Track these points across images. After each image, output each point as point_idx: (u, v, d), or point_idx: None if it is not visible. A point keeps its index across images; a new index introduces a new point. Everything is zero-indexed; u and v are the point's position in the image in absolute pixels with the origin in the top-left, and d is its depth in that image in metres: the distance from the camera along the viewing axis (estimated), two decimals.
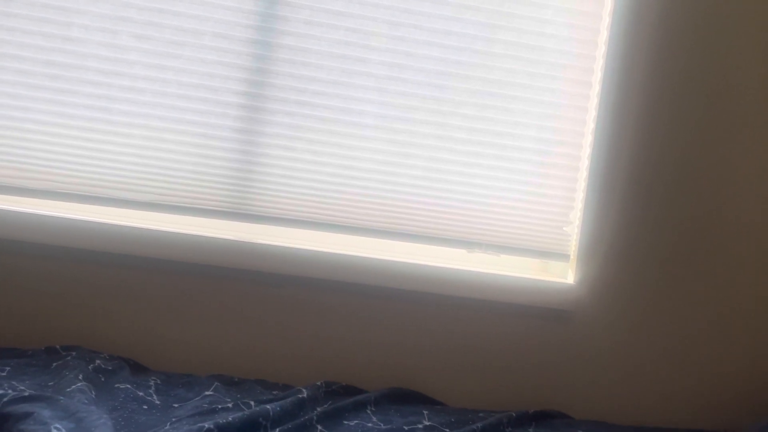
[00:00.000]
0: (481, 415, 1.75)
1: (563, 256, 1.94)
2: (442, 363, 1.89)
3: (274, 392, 1.70)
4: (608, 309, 1.91)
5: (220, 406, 1.51)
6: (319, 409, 1.60)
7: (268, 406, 1.50)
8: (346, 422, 1.59)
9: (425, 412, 1.72)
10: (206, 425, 1.34)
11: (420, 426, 1.63)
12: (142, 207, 1.84)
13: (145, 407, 1.52)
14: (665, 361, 1.93)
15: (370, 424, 1.60)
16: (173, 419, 1.46)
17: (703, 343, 1.93)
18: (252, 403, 1.57)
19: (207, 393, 1.62)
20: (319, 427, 1.54)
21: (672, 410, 1.92)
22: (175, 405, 1.56)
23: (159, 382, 1.66)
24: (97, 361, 1.66)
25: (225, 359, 1.84)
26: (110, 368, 1.66)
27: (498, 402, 1.86)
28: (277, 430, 1.45)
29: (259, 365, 1.84)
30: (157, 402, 1.56)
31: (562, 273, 1.94)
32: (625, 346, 1.91)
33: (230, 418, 1.40)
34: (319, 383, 1.73)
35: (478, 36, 1.87)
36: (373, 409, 1.69)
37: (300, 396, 1.62)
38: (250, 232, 1.88)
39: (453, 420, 1.69)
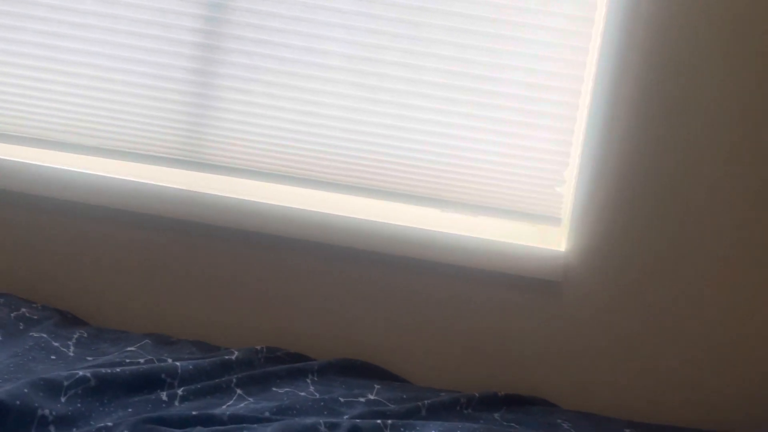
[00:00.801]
0: (442, 394, 1.51)
1: (554, 220, 1.68)
2: (411, 335, 1.67)
3: (214, 353, 1.53)
4: (603, 282, 1.63)
5: (129, 360, 1.35)
6: (246, 372, 1.40)
7: (177, 363, 1.32)
8: (275, 389, 1.40)
9: (376, 386, 1.50)
10: (80, 372, 1.17)
11: (361, 400, 1.41)
12: (87, 151, 1.72)
13: (53, 357, 1.38)
14: (664, 344, 1.62)
15: (303, 393, 1.40)
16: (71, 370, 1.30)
17: (703, 323, 1.61)
18: (169, 359, 1.39)
19: (129, 349, 1.46)
20: (238, 391, 1.35)
21: (667, 398, 1.61)
22: (89, 358, 1.41)
23: (85, 335, 1.52)
24: (23, 309, 1.54)
25: (167, 318, 1.68)
26: (35, 317, 1.53)
27: (473, 383, 1.62)
28: (182, 389, 1.27)
29: (204, 326, 1.67)
30: (71, 354, 1.41)
31: (551, 239, 1.68)
32: (621, 325, 1.62)
33: (118, 369, 1.22)
34: (259, 347, 1.54)
35: None
36: (314, 378, 1.49)
37: (227, 357, 1.44)
38: (202, 182, 1.72)
39: (404, 397, 1.46)
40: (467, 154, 1.68)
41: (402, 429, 1.23)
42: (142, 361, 1.36)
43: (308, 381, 1.47)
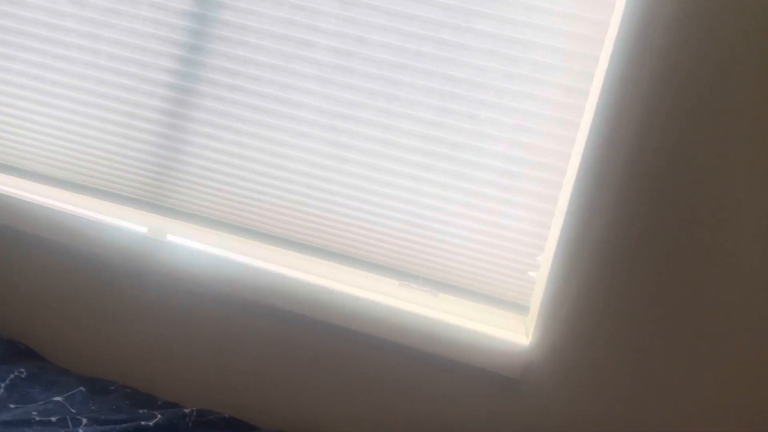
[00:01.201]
0: None
1: (522, 308, 1.52)
2: (357, 411, 1.56)
3: (141, 411, 1.48)
4: (567, 385, 1.46)
5: (39, 418, 1.32)
6: None
7: (80, 430, 1.28)
8: None
9: None
10: None
11: None
12: (60, 184, 1.71)
13: None
14: None
15: None
16: None
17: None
18: (84, 420, 1.35)
19: (56, 398, 1.44)
20: None
21: None
22: (12, 406, 1.39)
23: (24, 375, 1.51)
24: None
25: (109, 359, 1.65)
26: None
27: None
28: None
29: (142, 371, 1.63)
30: None
31: (516, 328, 1.53)
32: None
33: None
34: (187, 410, 1.48)
35: (446, 23, 1.52)
36: None
37: (143, 423, 1.38)
38: (163, 226, 1.67)
39: None
40: (436, 225, 1.55)
41: None
42: (53, 419, 1.32)
43: None
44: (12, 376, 1.49)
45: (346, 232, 1.60)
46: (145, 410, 1.48)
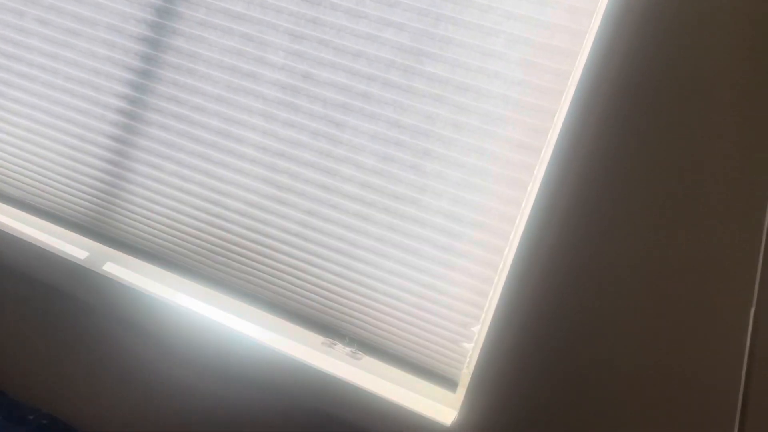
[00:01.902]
0: None
1: (449, 383, 1.38)
2: None
3: None
4: None
5: None
6: None
7: None
8: None
9: None
10: None
11: None
12: (9, 202, 1.70)
13: None
14: None
15: None
16: None
17: None
18: None
19: None
20: None
21: None
22: None
23: None
24: None
25: (50, 388, 1.62)
26: None
27: None
28: None
29: (74, 405, 1.59)
30: None
31: (442, 404, 1.38)
32: None
33: None
34: None
35: (396, 63, 1.40)
36: None
37: None
38: (103, 253, 1.63)
39: None
40: (369, 281, 1.44)
41: None
42: None
43: None
44: None
45: (275, 278, 1.50)
46: None
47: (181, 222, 1.56)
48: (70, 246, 1.64)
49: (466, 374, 1.35)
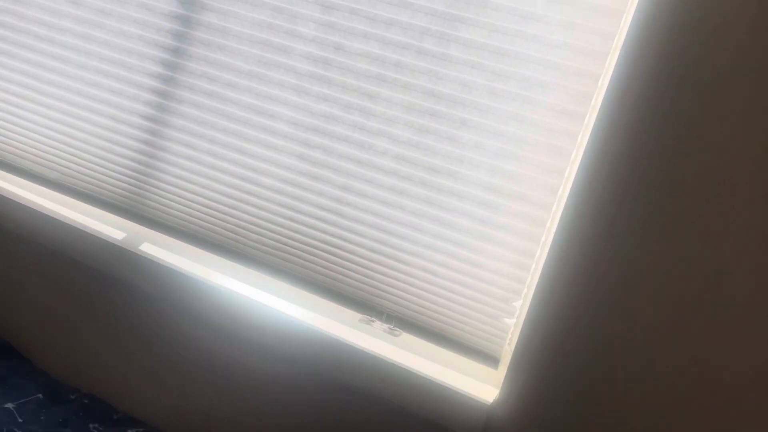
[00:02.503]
0: None
1: (490, 359, 1.34)
2: None
3: (90, 425, 1.45)
4: None
5: None
6: None
7: None
8: None
9: None
10: None
11: None
12: (46, 184, 1.71)
13: None
14: None
15: None
16: None
17: None
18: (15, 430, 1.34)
19: (7, 405, 1.43)
20: None
21: None
22: None
23: None
24: None
25: (77, 363, 1.63)
26: None
27: None
28: None
29: (116, 385, 1.60)
30: None
31: (483, 381, 1.34)
32: None
33: None
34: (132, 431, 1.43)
35: (430, 30, 1.35)
36: None
37: None
38: (140, 234, 1.63)
39: None
40: (406, 256, 1.40)
41: None
42: None
43: None
44: None
45: (311, 255, 1.47)
46: (95, 425, 1.45)
47: (215, 200, 1.55)
48: (108, 227, 1.64)
49: (507, 351, 1.31)
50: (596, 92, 1.24)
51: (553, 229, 1.25)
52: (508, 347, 1.31)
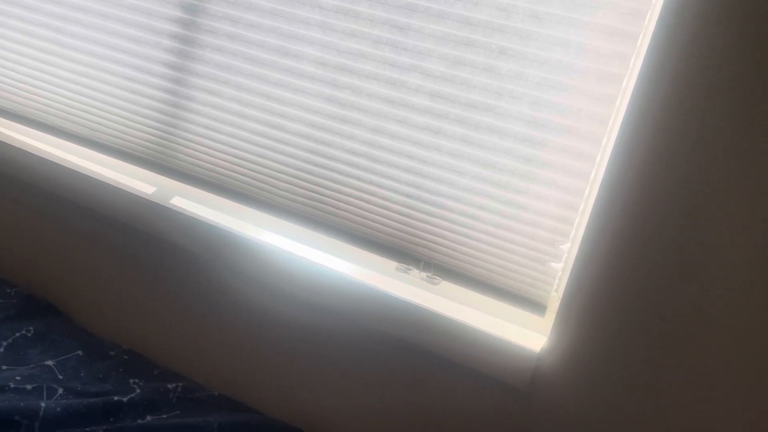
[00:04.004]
0: None
1: (537, 306, 1.26)
2: (347, 405, 1.41)
3: (131, 380, 1.44)
4: (581, 398, 1.19)
5: (13, 386, 1.31)
6: (126, 423, 1.29)
7: (42, 403, 1.25)
8: None
9: None
10: None
11: None
12: (70, 138, 1.68)
13: None
14: None
15: None
16: None
17: None
18: (60, 390, 1.33)
19: (46, 362, 1.43)
20: None
21: None
22: (4, 367, 1.40)
23: (31, 332, 1.52)
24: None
25: (130, 324, 1.62)
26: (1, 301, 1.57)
27: None
28: None
29: (156, 341, 1.59)
30: None
31: (530, 329, 1.26)
32: None
33: None
34: (172, 385, 1.41)
35: None
36: None
37: (116, 399, 1.33)
38: (169, 187, 1.59)
39: None
40: (443, 200, 1.31)
41: None
42: (29, 387, 1.31)
43: None
44: (17, 335, 1.50)
45: (343, 203, 1.40)
46: (135, 380, 1.44)
47: (243, 149, 1.48)
48: (138, 181, 1.60)
49: (555, 297, 1.22)
50: (650, 8, 1.10)
51: (604, 164, 1.14)
52: (555, 293, 1.23)
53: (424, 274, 1.32)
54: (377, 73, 1.33)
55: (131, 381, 1.44)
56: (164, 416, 1.35)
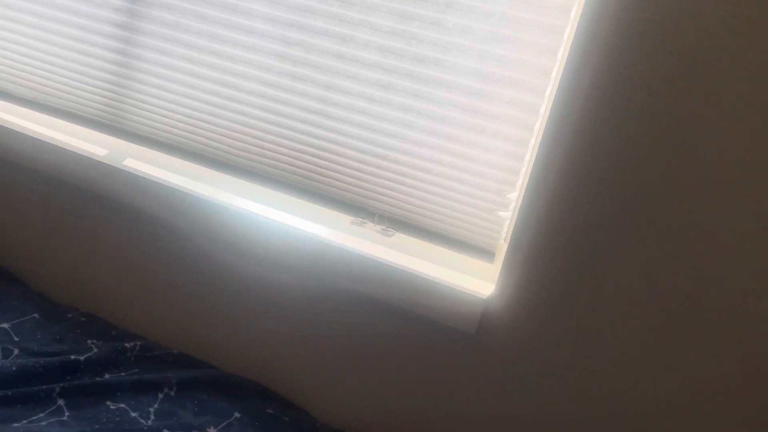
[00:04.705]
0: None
1: (485, 254, 1.30)
2: (301, 354, 1.44)
3: (89, 341, 1.44)
4: (527, 340, 1.24)
5: None
6: (79, 381, 1.30)
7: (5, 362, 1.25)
8: (109, 403, 1.28)
9: (236, 414, 1.32)
10: None
11: None
12: (21, 103, 1.65)
13: None
14: (592, 418, 1.22)
15: (135, 414, 1.26)
16: None
17: (636, 398, 1.18)
18: (16, 351, 1.33)
19: (2, 325, 1.42)
20: (60, 402, 1.25)
21: None
22: None
23: None
24: None
25: (86, 287, 1.62)
26: None
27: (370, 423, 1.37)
28: None
29: (112, 303, 1.59)
30: None
31: (480, 276, 1.31)
32: (543, 392, 1.25)
33: None
34: (129, 344, 1.42)
35: None
36: (170, 393, 1.35)
37: (73, 357, 1.34)
38: (122, 149, 1.58)
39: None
40: (395, 154, 1.34)
41: None
42: None
43: (159, 396, 1.33)
44: None
45: (298, 160, 1.42)
46: (92, 340, 1.44)
47: (196, 109, 1.48)
48: (90, 144, 1.58)
49: (503, 245, 1.26)
50: None
51: (547, 116, 1.18)
52: (503, 241, 1.27)
53: (378, 227, 1.35)
54: (327, 28, 1.34)
55: (89, 341, 1.45)
56: (123, 374, 1.36)
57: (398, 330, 1.32)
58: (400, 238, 1.35)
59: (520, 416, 1.28)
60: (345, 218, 1.39)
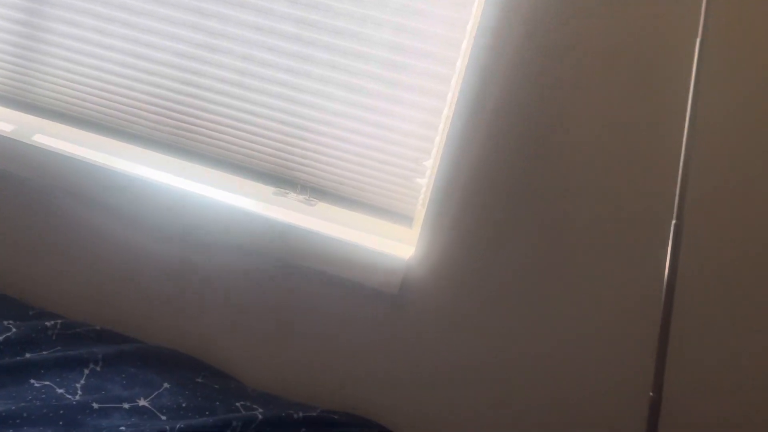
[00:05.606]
0: (238, 405, 1.33)
1: (405, 219, 1.37)
2: (230, 323, 1.47)
3: (8, 323, 1.41)
4: (447, 300, 1.33)
5: None
6: (4, 360, 1.27)
7: None
8: (33, 381, 1.26)
9: (165, 384, 1.33)
10: None
11: (125, 406, 1.25)
12: None
13: None
14: (511, 375, 1.33)
15: (61, 390, 1.25)
16: None
17: (567, 348, 1.30)
18: None
19: None
20: None
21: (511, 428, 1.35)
22: None
23: None
24: None
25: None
26: None
27: (301, 392, 1.42)
28: None
29: (24, 281, 1.55)
30: None
31: (399, 240, 1.38)
32: (463, 350, 1.34)
33: None
34: (50, 323, 1.40)
35: None
36: (96, 368, 1.34)
37: None
38: (30, 124, 1.53)
39: (184, 405, 1.29)
40: (314, 125, 1.37)
41: None
42: None
43: (86, 372, 1.32)
44: None
45: (217, 132, 1.43)
46: (9, 321, 1.41)
47: (109, 81, 1.45)
48: None
49: (420, 210, 1.33)
50: None
51: (459, 85, 1.25)
52: (421, 206, 1.34)
53: (301, 197, 1.39)
54: (241, 0, 1.35)
55: (5, 322, 1.41)
56: (44, 352, 1.34)
57: (324, 294, 1.38)
58: (323, 207, 1.39)
59: (440, 367, 1.37)
60: (267, 189, 1.42)
